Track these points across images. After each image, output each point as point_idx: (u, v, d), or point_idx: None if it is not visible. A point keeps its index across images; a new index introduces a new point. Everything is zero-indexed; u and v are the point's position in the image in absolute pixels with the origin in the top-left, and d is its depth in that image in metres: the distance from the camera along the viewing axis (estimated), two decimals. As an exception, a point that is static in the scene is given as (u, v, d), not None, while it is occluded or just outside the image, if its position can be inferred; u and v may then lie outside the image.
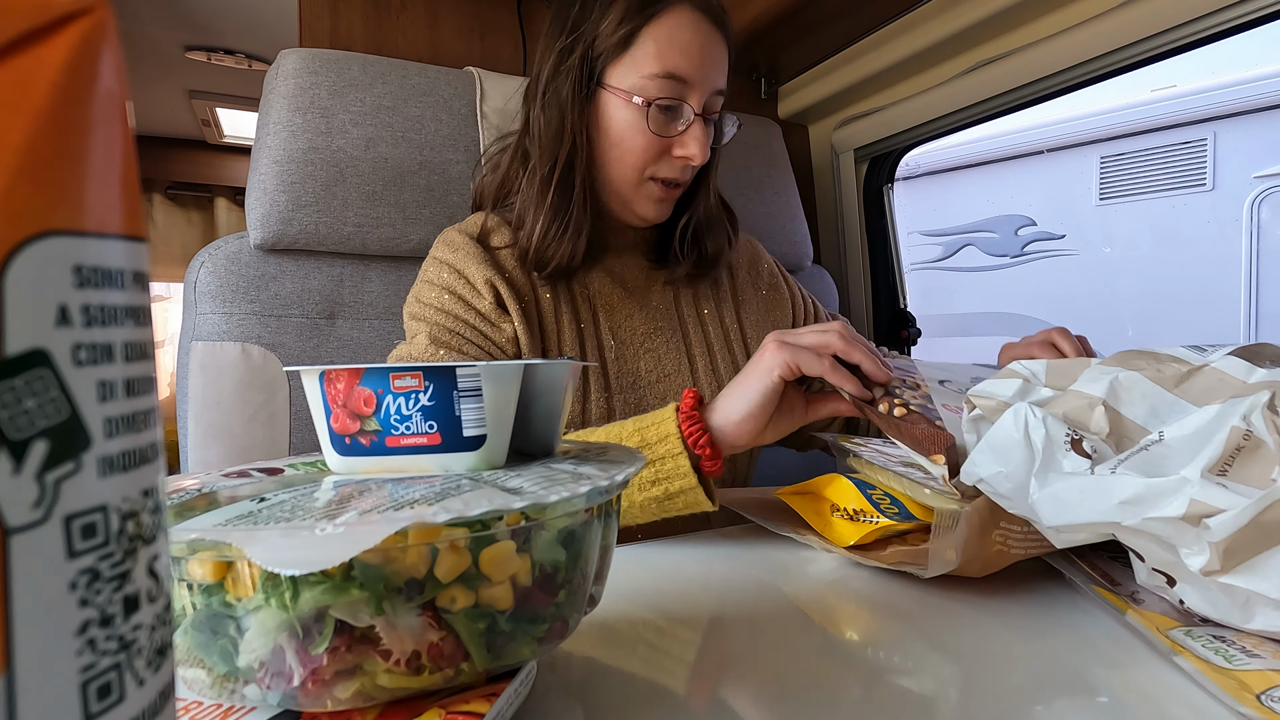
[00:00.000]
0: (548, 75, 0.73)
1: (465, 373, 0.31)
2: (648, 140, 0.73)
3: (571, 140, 0.73)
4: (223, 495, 0.29)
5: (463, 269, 0.73)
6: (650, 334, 0.81)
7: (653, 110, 0.71)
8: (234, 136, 2.63)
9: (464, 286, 0.73)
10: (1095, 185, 4.24)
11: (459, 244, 0.75)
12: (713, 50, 0.73)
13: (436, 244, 0.77)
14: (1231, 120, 3.77)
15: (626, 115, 0.72)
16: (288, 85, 0.83)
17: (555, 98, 0.73)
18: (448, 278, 0.74)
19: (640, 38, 0.71)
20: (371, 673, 0.25)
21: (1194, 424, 0.36)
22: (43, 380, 0.11)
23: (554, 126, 0.73)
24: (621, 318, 0.80)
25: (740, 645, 0.39)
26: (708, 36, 0.72)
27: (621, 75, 0.72)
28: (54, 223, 0.11)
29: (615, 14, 0.71)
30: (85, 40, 0.11)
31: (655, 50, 0.71)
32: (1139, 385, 0.41)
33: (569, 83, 0.72)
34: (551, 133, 0.73)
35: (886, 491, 0.55)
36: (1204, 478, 0.33)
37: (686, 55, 0.71)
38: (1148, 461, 0.36)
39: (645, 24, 0.71)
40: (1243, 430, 0.33)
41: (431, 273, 0.75)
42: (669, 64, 0.70)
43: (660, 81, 0.71)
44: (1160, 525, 0.33)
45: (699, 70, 0.71)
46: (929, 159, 4.77)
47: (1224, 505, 0.31)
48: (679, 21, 0.71)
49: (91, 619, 0.11)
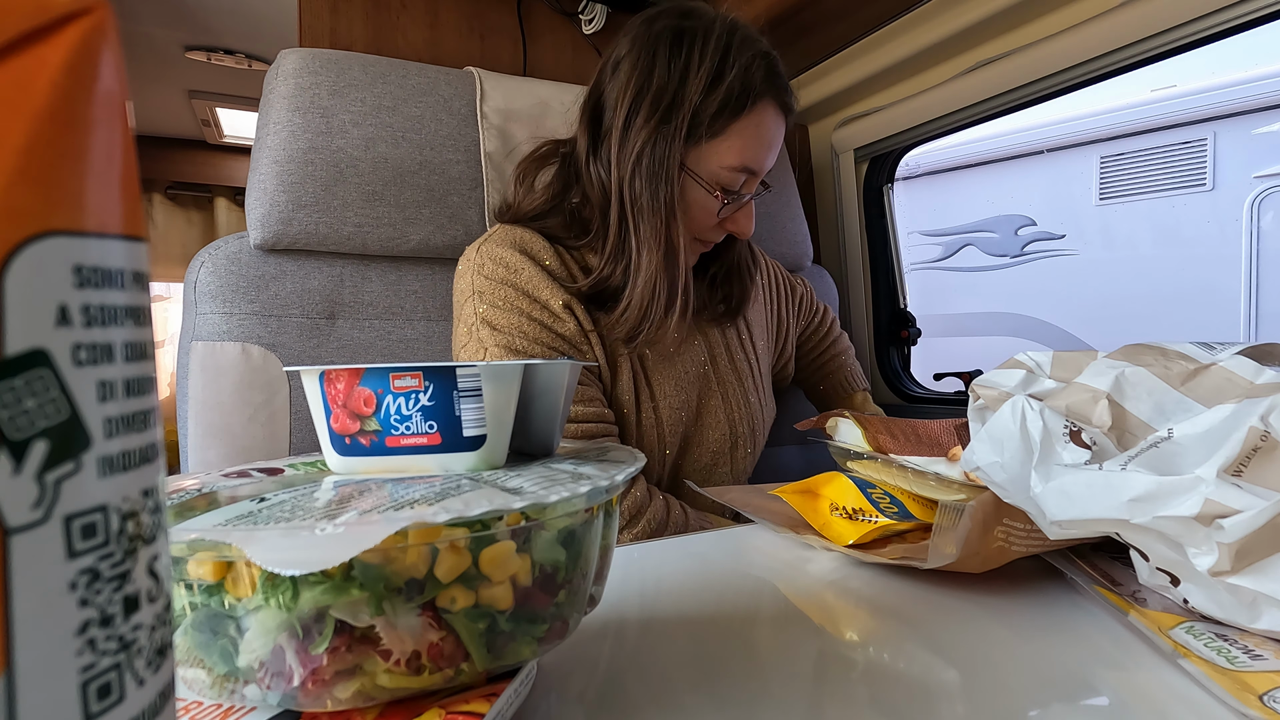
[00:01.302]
0: (644, 139, 0.71)
1: (465, 373, 0.31)
2: (711, 219, 0.75)
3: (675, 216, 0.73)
4: (223, 495, 0.29)
5: (535, 294, 0.73)
6: (680, 341, 0.84)
7: (723, 198, 0.74)
8: (234, 136, 2.63)
9: (541, 310, 0.73)
10: (1095, 185, 4.24)
11: (516, 264, 0.73)
12: (780, 142, 0.76)
13: (484, 263, 0.74)
14: (1231, 120, 3.77)
15: (699, 197, 0.74)
16: (288, 85, 0.83)
17: (659, 169, 0.71)
18: (520, 302, 0.73)
19: (730, 130, 0.72)
20: (371, 673, 0.25)
21: (1207, 423, 0.36)
22: (43, 380, 0.11)
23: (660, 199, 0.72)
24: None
25: (740, 645, 0.39)
26: (779, 130, 0.75)
27: (703, 160, 0.73)
28: (54, 223, 0.11)
29: (716, 100, 0.70)
30: (85, 40, 0.11)
31: (740, 145, 0.72)
32: (1145, 381, 0.41)
33: (676, 162, 0.71)
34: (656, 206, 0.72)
35: (886, 490, 0.55)
36: (1219, 478, 0.32)
37: (764, 151, 0.74)
38: (1158, 459, 0.36)
39: (738, 117, 0.71)
40: (1260, 431, 0.33)
41: (496, 294, 0.73)
42: (749, 160, 0.73)
43: (735, 174, 0.73)
44: (1171, 524, 0.33)
45: (767, 163, 0.75)
46: (929, 159, 4.77)
47: (1239, 506, 0.31)
48: (765, 118, 0.73)
49: (91, 619, 0.11)
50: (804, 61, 1.26)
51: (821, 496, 0.57)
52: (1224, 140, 3.81)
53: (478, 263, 0.75)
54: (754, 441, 0.88)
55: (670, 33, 0.72)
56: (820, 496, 0.57)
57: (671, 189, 0.72)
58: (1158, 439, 0.37)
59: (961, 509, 0.43)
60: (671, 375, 0.81)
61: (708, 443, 0.84)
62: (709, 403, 0.84)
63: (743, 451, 0.87)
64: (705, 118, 0.70)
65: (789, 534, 0.56)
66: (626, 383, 0.78)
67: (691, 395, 0.82)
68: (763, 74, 0.71)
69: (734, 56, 0.70)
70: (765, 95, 0.72)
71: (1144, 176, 4.07)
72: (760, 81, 0.71)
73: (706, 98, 0.70)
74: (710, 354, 0.87)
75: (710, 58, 0.70)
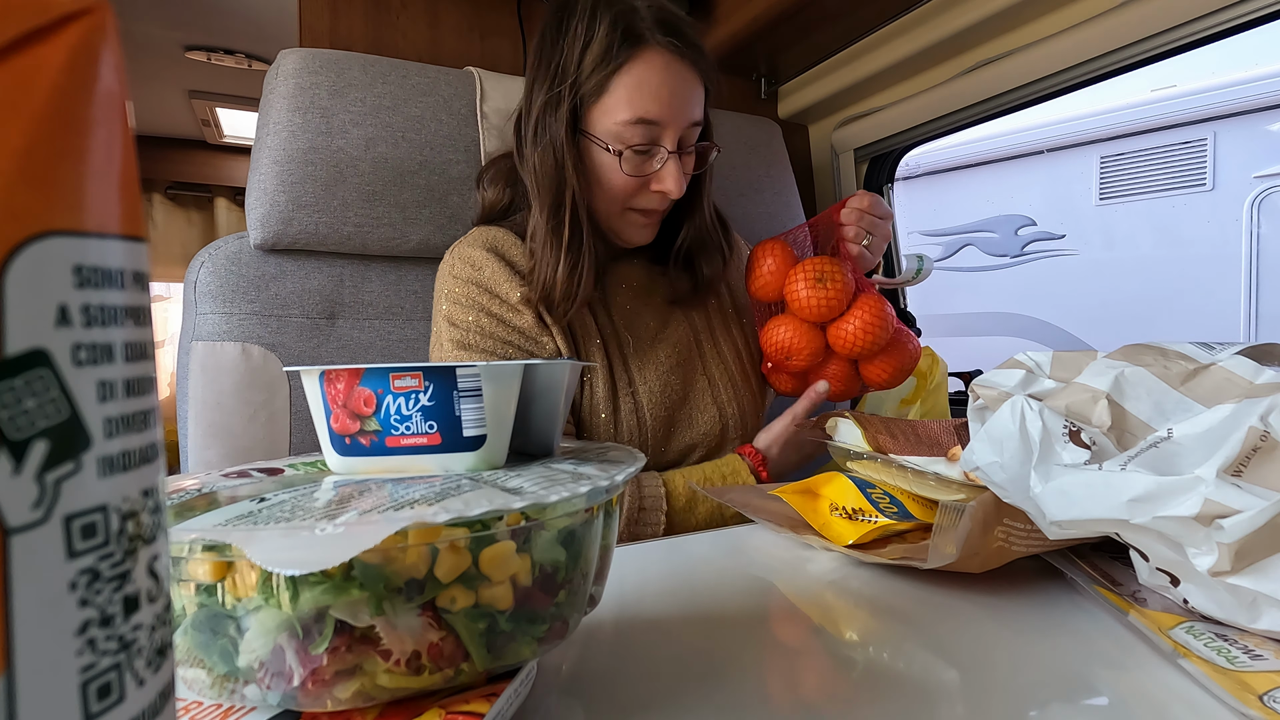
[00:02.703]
0: (538, 113, 0.75)
1: (465, 373, 0.31)
2: (624, 181, 0.75)
3: (571, 183, 0.75)
4: (223, 495, 0.29)
5: (494, 288, 0.76)
6: (661, 326, 0.85)
7: (626, 155, 0.74)
8: (234, 136, 2.63)
9: (499, 305, 0.75)
10: (1095, 185, 4.24)
11: (481, 261, 0.76)
12: (684, 88, 0.74)
13: (455, 264, 0.78)
14: (1231, 120, 3.77)
15: (604, 159, 0.75)
16: (288, 85, 0.83)
17: (548, 138, 0.75)
18: (481, 298, 0.76)
19: (612, 85, 0.72)
20: (371, 673, 0.25)
21: (1206, 423, 0.36)
22: (43, 380, 0.11)
23: (550, 168, 0.75)
24: (633, 315, 0.84)
25: (739, 644, 0.39)
26: (678, 75, 0.73)
27: (597, 121, 0.74)
28: (54, 223, 0.11)
29: (591, 59, 0.72)
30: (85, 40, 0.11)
31: (626, 97, 0.72)
32: (1145, 381, 0.41)
33: (562, 127, 0.73)
34: (549, 173, 0.75)
35: (886, 490, 0.55)
36: (1219, 478, 0.32)
37: (657, 99, 0.72)
38: (1158, 459, 0.36)
39: (616, 71, 0.72)
40: (1260, 431, 0.33)
41: (459, 291, 0.76)
42: (639, 110, 0.72)
43: (632, 128, 0.72)
44: (1171, 524, 0.33)
45: (670, 110, 0.73)
46: (929, 159, 4.77)
47: (1239, 506, 0.31)
48: (648, 66, 0.72)
49: (91, 619, 0.11)
50: (804, 61, 1.26)
51: (821, 496, 0.57)
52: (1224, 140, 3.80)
53: (449, 264, 0.78)
54: (744, 427, 0.88)
55: (554, 10, 0.76)
56: (820, 496, 0.57)
57: (562, 155, 0.73)
58: (1157, 439, 0.37)
59: (961, 509, 0.43)
60: (652, 360, 0.82)
61: (697, 425, 0.84)
62: (694, 385, 0.85)
63: (734, 435, 0.87)
64: (586, 78, 0.72)
65: (789, 534, 0.56)
66: (600, 370, 0.79)
67: (675, 380, 0.83)
68: (639, 23, 0.72)
69: (602, 13, 0.72)
70: (644, 43, 0.72)
71: (1144, 176, 4.07)
72: (638, 31, 0.72)
73: (583, 59, 0.72)
74: (695, 337, 0.87)
75: (581, 20, 0.72)
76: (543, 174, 0.75)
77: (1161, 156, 3.99)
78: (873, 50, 1.15)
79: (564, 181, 0.74)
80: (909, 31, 1.08)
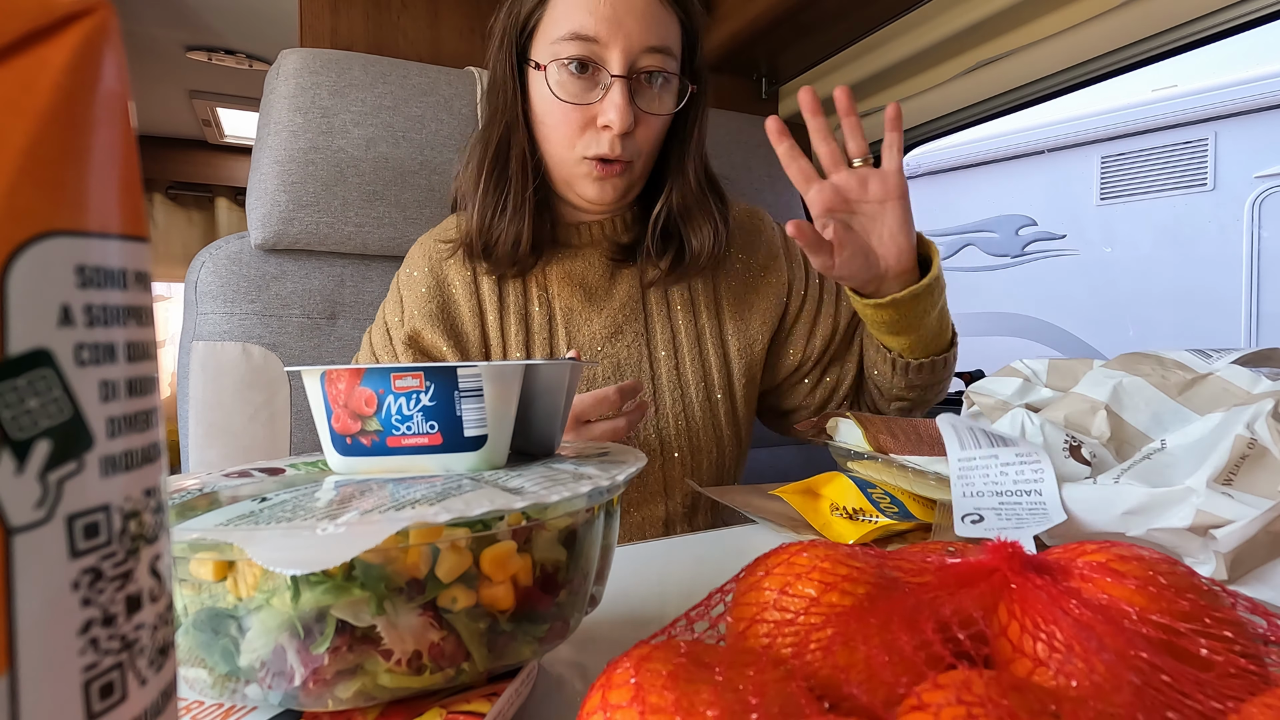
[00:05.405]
0: (491, 55, 0.71)
1: (466, 373, 0.31)
2: (564, 110, 0.66)
3: (504, 120, 0.70)
4: (224, 495, 0.29)
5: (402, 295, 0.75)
6: (609, 338, 0.74)
7: (562, 79, 0.65)
8: (235, 136, 2.63)
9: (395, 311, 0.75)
10: (1096, 185, 4.24)
11: (414, 281, 0.75)
12: (637, 3, 0.65)
13: (411, 254, 0.78)
14: (1232, 120, 3.77)
15: (542, 89, 0.67)
16: (288, 85, 0.83)
17: (492, 81, 0.71)
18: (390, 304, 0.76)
19: (550, 2, 0.66)
20: (373, 672, 0.25)
21: (1197, 432, 0.36)
22: (45, 380, 0.11)
23: (490, 110, 0.71)
24: (580, 322, 0.74)
25: (741, 645, 0.39)
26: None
27: (537, 47, 0.68)
28: (56, 223, 0.11)
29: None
30: (87, 40, 0.11)
31: (562, 11, 0.65)
32: (1143, 391, 0.41)
33: (503, 64, 0.69)
34: (489, 116, 0.72)
35: (886, 490, 0.55)
36: (1209, 487, 0.32)
37: (593, 11, 0.64)
38: (1151, 470, 0.36)
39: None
40: (1247, 439, 0.33)
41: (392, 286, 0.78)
42: (574, 23, 0.64)
43: (567, 44, 0.64)
44: (1166, 536, 0.33)
45: (610, 25, 0.64)
46: (929, 159, 4.77)
47: (1230, 516, 0.31)
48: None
49: (94, 618, 0.11)
50: (804, 61, 1.26)
51: (821, 496, 0.57)
52: (1225, 140, 3.81)
53: (411, 252, 0.79)
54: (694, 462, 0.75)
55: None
56: (820, 496, 0.57)
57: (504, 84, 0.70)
58: (1151, 450, 0.37)
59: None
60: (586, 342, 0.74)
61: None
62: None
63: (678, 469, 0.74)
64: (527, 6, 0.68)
65: (789, 534, 0.56)
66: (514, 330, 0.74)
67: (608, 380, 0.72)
68: None
69: None
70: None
71: (1145, 176, 4.07)
72: None
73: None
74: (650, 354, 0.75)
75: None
76: (485, 119, 0.71)
77: (1162, 156, 4.00)
78: (873, 50, 1.15)
79: (499, 120, 0.70)
80: (909, 31, 1.08)
